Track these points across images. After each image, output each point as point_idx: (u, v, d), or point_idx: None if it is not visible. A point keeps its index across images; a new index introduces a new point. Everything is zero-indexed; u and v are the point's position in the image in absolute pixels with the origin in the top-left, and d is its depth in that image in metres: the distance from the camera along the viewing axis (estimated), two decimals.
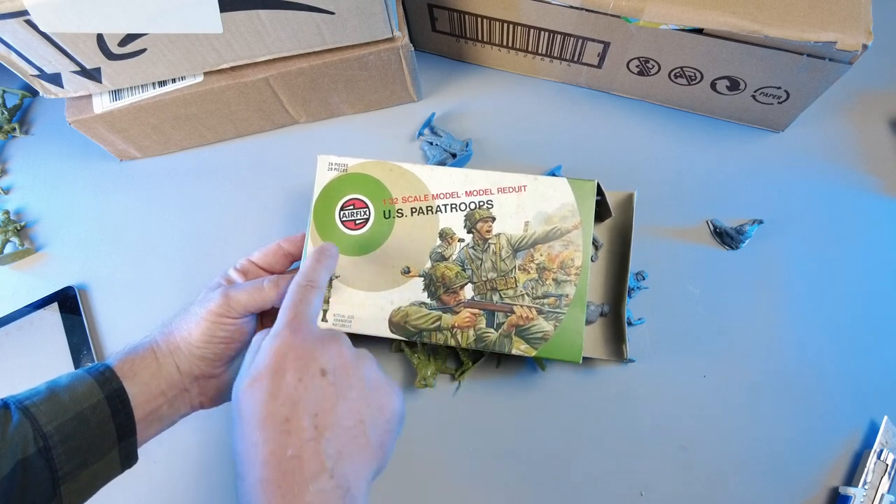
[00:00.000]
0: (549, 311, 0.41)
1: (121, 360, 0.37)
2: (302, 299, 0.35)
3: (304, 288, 0.36)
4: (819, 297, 0.48)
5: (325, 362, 0.32)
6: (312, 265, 0.38)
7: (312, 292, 0.36)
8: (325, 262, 0.39)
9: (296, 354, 0.32)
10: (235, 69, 0.49)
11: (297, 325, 0.33)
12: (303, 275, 0.37)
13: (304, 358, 0.31)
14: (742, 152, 0.53)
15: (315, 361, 0.32)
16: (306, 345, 0.32)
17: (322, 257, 0.39)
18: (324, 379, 0.31)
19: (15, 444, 0.31)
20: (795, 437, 0.44)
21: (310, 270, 0.38)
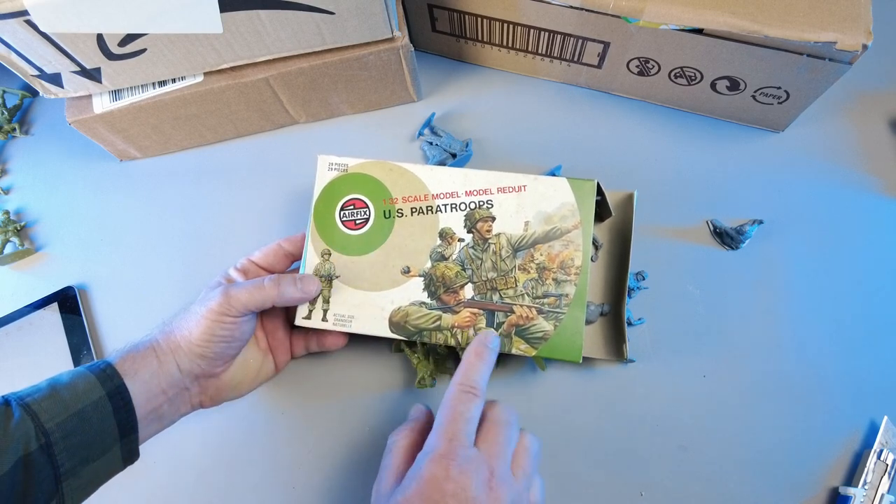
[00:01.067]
0: (549, 311, 0.41)
1: (122, 357, 0.37)
2: (462, 413, 0.34)
3: (464, 396, 0.34)
4: (819, 297, 0.48)
5: (476, 501, 0.31)
6: (474, 364, 0.36)
7: (474, 403, 0.34)
8: (486, 359, 0.36)
9: (453, 489, 0.31)
10: (235, 69, 0.49)
11: (455, 449, 0.32)
12: (464, 375, 0.35)
13: (459, 496, 0.31)
14: (742, 152, 0.53)
15: (467, 502, 0.31)
16: (462, 479, 0.31)
17: (484, 353, 0.37)
18: None
19: (16, 441, 0.31)
20: (795, 437, 0.44)
21: (472, 371, 0.35)
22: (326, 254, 0.43)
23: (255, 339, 0.43)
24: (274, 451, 0.46)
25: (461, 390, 0.35)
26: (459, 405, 0.34)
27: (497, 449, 0.33)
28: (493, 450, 0.33)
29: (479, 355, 0.36)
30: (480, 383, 0.35)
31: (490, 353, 0.37)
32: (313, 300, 0.42)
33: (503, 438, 0.34)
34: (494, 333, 0.39)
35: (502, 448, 0.33)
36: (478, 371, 0.36)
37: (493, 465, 0.32)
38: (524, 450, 0.35)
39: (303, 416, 0.47)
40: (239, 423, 0.47)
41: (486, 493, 0.31)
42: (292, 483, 0.45)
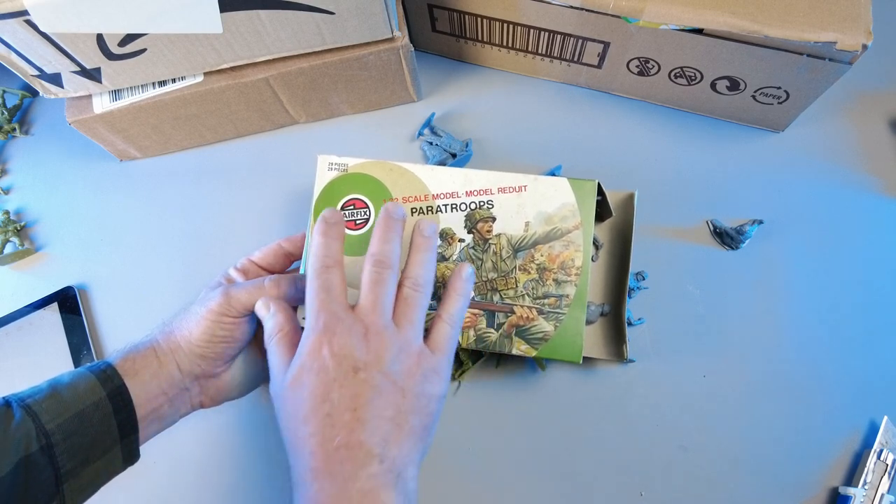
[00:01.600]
0: (550, 312, 0.41)
1: (122, 358, 0.37)
2: (322, 284, 0.35)
3: (319, 271, 0.35)
4: (819, 297, 0.48)
5: (356, 358, 0.32)
6: (322, 242, 0.36)
7: (331, 273, 0.35)
8: (333, 234, 0.37)
9: (329, 351, 0.32)
10: (235, 69, 0.49)
11: (327, 316, 0.33)
12: (316, 257, 0.36)
13: (338, 356, 0.32)
14: (742, 152, 0.53)
15: (346, 359, 0.32)
16: (337, 339, 0.32)
17: (328, 228, 0.37)
18: (356, 377, 0.32)
19: (17, 442, 0.31)
20: (795, 437, 0.44)
21: (320, 249, 0.36)
22: None
23: (255, 339, 0.43)
24: (274, 451, 0.46)
25: (314, 268, 0.35)
26: (317, 280, 0.35)
27: (368, 307, 0.34)
28: (365, 309, 0.34)
29: (325, 233, 0.37)
30: (332, 255, 0.36)
31: (335, 226, 0.37)
32: None
33: (374, 295, 0.34)
34: (334, 210, 0.39)
35: (374, 304, 0.34)
36: (326, 247, 0.36)
37: (367, 321, 0.34)
38: (402, 300, 0.35)
39: None
40: (239, 423, 0.47)
41: (364, 347, 0.33)
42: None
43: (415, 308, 0.36)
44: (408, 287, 0.36)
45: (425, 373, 0.34)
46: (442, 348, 0.36)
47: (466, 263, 0.39)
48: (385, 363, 0.33)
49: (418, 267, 0.37)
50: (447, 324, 0.37)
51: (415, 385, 0.33)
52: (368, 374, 0.32)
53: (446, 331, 0.36)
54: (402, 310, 0.35)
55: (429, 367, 0.34)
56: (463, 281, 0.38)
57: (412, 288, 0.36)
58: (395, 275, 0.36)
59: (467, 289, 0.38)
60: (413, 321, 0.35)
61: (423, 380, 0.34)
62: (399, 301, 0.36)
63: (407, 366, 0.34)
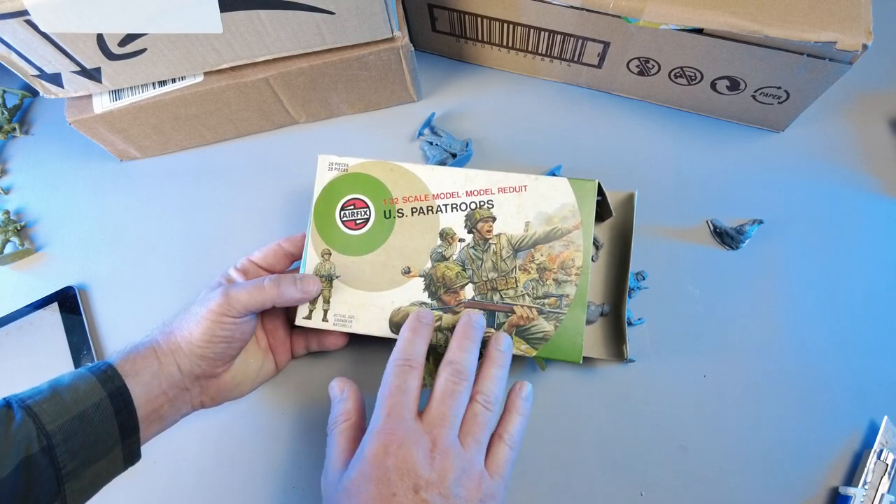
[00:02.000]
0: (550, 312, 0.41)
1: (122, 358, 0.37)
2: (400, 385, 0.34)
3: (401, 369, 0.35)
4: (819, 297, 0.48)
5: (419, 475, 0.31)
6: (410, 339, 0.36)
7: (411, 375, 0.35)
8: (422, 333, 0.37)
9: (394, 463, 0.31)
10: (235, 69, 0.49)
11: (396, 423, 0.33)
12: (401, 351, 0.36)
13: (401, 469, 0.31)
14: (742, 152, 0.53)
15: (409, 475, 0.31)
16: (403, 451, 0.32)
17: (419, 327, 0.37)
18: (417, 496, 0.31)
19: (18, 443, 0.31)
20: (795, 437, 0.44)
21: (407, 345, 0.36)
22: (327, 254, 0.43)
23: (255, 339, 0.43)
24: (274, 451, 0.46)
25: (396, 364, 0.35)
26: (395, 378, 0.35)
27: (438, 419, 0.34)
28: (435, 420, 0.34)
29: (415, 331, 0.37)
30: (415, 355, 0.36)
31: (425, 327, 0.38)
32: (314, 300, 0.42)
33: (446, 408, 0.34)
34: (430, 312, 0.39)
35: (444, 418, 0.34)
36: (412, 344, 0.36)
37: (434, 435, 0.33)
38: (472, 417, 0.35)
39: (303, 416, 0.47)
40: (239, 423, 0.47)
41: (429, 464, 0.32)
42: (292, 483, 0.45)
43: (483, 427, 0.35)
44: (480, 403, 0.35)
45: (483, 498, 0.33)
46: (501, 473, 0.35)
47: (526, 383, 0.39)
48: (448, 484, 0.32)
49: (492, 383, 0.36)
50: (508, 446, 0.36)
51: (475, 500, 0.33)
52: (429, 495, 0.31)
53: (507, 455, 0.35)
54: (470, 428, 0.35)
55: (488, 492, 0.33)
56: (523, 400, 0.37)
57: (484, 405, 0.35)
58: (469, 388, 0.36)
59: (528, 408, 0.38)
60: (480, 441, 0.34)
61: (484, 496, 0.33)
62: (468, 418, 0.35)
63: (468, 490, 0.33)
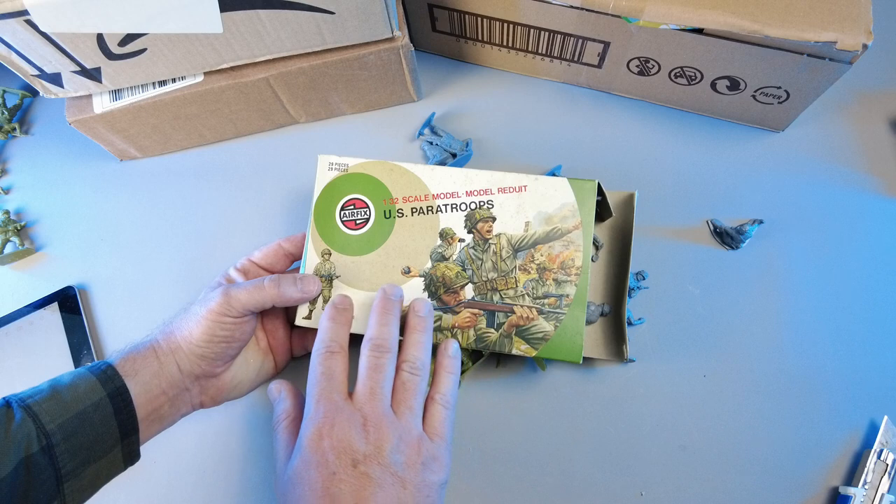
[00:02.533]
0: (550, 312, 0.41)
1: (122, 358, 0.37)
2: (324, 371, 0.35)
3: (323, 356, 0.36)
4: (819, 297, 0.48)
5: (356, 450, 0.32)
6: (328, 326, 0.37)
7: (334, 359, 0.36)
8: (341, 319, 0.38)
9: (329, 443, 0.32)
10: (235, 69, 0.49)
11: (326, 406, 0.33)
12: (321, 341, 0.36)
13: (337, 448, 0.32)
14: (742, 152, 0.53)
15: (346, 452, 0.32)
16: (336, 431, 0.32)
17: (337, 314, 0.38)
18: (356, 470, 0.32)
19: (18, 443, 0.31)
20: (795, 437, 0.44)
21: (326, 333, 0.37)
22: (327, 254, 0.43)
23: (255, 339, 0.43)
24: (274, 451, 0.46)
25: (318, 353, 0.36)
26: (319, 367, 0.35)
27: (367, 394, 0.34)
28: (364, 396, 0.34)
29: (333, 318, 0.38)
30: (336, 341, 0.37)
31: (345, 312, 0.38)
32: (314, 300, 0.42)
33: (373, 382, 0.35)
34: (345, 296, 0.40)
35: (373, 391, 0.34)
36: (331, 332, 0.37)
37: (365, 410, 0.33)
38: (401, 385, 0.35)
39: None
40: (239, 423, 0.47)
41: (364, 438, 0.32)
42: None
43: (413, 393, 0.35)
44: (406, 371, 0.36)
45: (425, 461, 0.34)
46: (441, 433, 0.35)
47: (452, 340, 0.39)
48: (385, 454, 0.32)
49: (415, 349, 0.37)
50: (442, 405, 0.36)
51: (415, 475, 0.33)
52: (368, 468, 0.32)
53: (443, 414, 0.36)
54: (400, 396, 0.35)
55: (429, 454, 0.34)
56: (451, 358, 0.38)
57: (410, 371, 0.36)
58: (393, 359, 0.36)
59: (456, 366, 0.38)
60: (412, 407, 0.35)
61: (424, 468, 0.33)
62: (397, 386, 0.36)
63: (407, 455, 0.33)
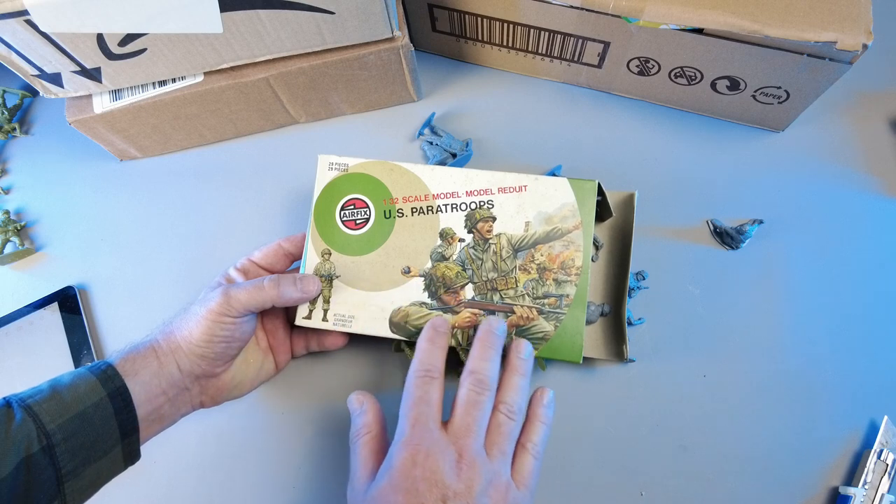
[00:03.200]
0: (550, 312, 0.41)
1: (122, 358, 0.37)
2: (422, 396, 0.35)
3: (422, 380, 0.35)
4: (819, 297, 0.48)
5: (447, 486, 0.32)
6: (427, 349, 0.37)
7: (433, 385, 0.35)
8: (439, 343, 0.37)
9: (422, 474, 0.32)
10: (235, 69, 0.49)
11: (422, 433, 0.33)
12: (420, 363, 0.36)
13: (429, 480, 0.31)
14: (742, 152, 0.53)
15: (437, 486, 0.31)
16: (430, 462, 0.32)
17: (436, 336, 0.37)
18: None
19: (18, 443, 0.31)
20: (795, 437, 0.44)
21: (426, 356, 0.36)
22: (327, 254, 0.43)
23: (255, 339, 0.43)
24: (274, 451, 0.46)
25: (417, 375, 0.36)
26: (417, 390, 0.35)
27: (463, 429, 0.34)
28: (460, 431, 0.34)
29: (432, 340, 0.37)
30: (435, 365, 0.36)
31: (442, 336, 0.38)
32: (314, 300, 0.42)
33: (471, 418, 0.34)
34: (444, 319, 0.39)
35: (469, 428, 0.34)
36: (430, 355, 0.37)
37: (460, 445, 0.33)
38: (496, 427, 0.35)
39: (303, 416, 0.47)
40: (239, 423, 0.47)
41: (456, 474, 0.32)
42: (292, 483, 0.45)
43: (508, 437, 0.35)
44: (503, 413, 0.35)
45: (501, 493, 0.33)
46: (527, 483, 0.35)
47: (548, 390, 0.38)
48: (475, 495, 0.32)
49: (515, 392, 0.36)
50: (532, 456, 0.36)
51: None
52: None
53: (533, 464, 0.36)
54: (495, 438, 0.35)
55: (514, 502, 0.33)
56: (545, 408, 0.37)
57: (507, 414, 0.35)
58: (492, 397, 0.36)
59: (550, 416, 0.38)
60: (505, 452, 0.35)
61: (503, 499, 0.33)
62: (492, 427, 0.35)
63: (494, 500, 0.33)
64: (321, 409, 0.47)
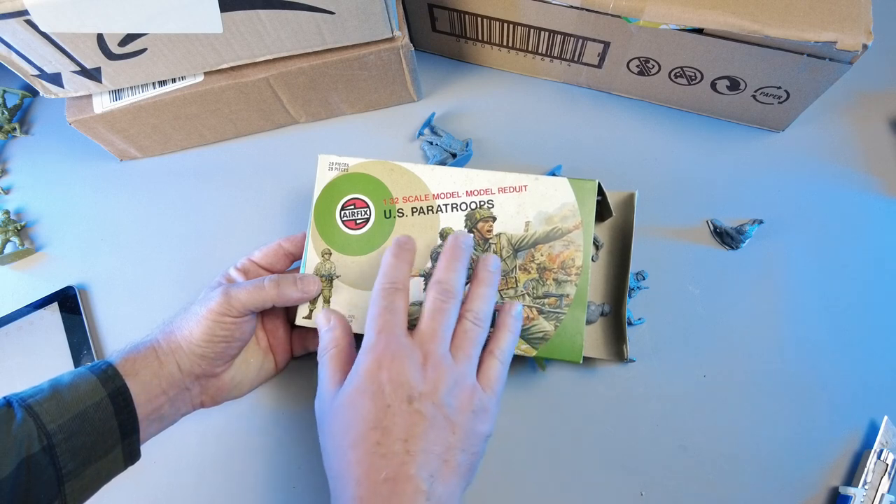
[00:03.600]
0: (550, 311, 0.41)
1: (122, 358, 0.37)
2: (387, 306, 0.35)
3: (387, 291, 0.36)
4: (819, 297, 0.48)
5: (413, 386, 0.32)
6: (392, 263, 0.37)
7: (398, 295, 0.35)
8: (404, 257, 0.37)
9: (388, 375, 0.32)
10: (235, 69, 0.49)
11: (388, 339, 0.33)
12: (385, 276, 0.36)
13: (395, 381, 0.32)
14: (742, 152, 0.53)
15: (403, 386, 0.32)
16: (395, 364, 0.32)
17: (401, 252, 0.37)
18: (410, 406, 0.32)
19: (19, 443, 0.31)
20: (795, 437, 0.44)
21: (391, 269, 0.37)
22: (327, 253, 0.43)
23: (255, 339, 0.43)
24: (274, 451, 0.46)
25: (382, 287, 0.36)
26: (382, 300, 0.35)
27: (429, 334, 0.34)
28: (426, 335, 0.34)
29: (397, 255, 0.37)
30: (400, 278, 0.36)
31: (408, 252, 0.38)
32: (314, 300, 0.42)
33: (436, 324, 0.35)
34: (408, 237, 0.39)
35: (435, 333, 0.34)
36: (395, 268, 0.37)
37: (426, 349, 0.34)
38: (462, 333, 0.35)
39: (303, 416, 0.47)
40: (239, 423, 0.47)
41: (422, 376, 0.33)
42: (292, 483, 0.45)
43: (473, 342, 0.35)
44: (469, 320, 0.36)
45: (476, 410, 0.34)
46: (493, 386, 0.35)
47: (516, 302, 0.39)
48: (440, 395, 0.32)
49: (481, 301, 0.37)
50: (499, 360, 0.36)
51: (465, 421, 0.33)
52: (423, 405, 0.32)
53: (498, 368, 0.36)
54: (460, 342, 0.35)
55: (480, 404, 0.34)
56: (514, 319, 0.38)
57: (473, 321, 0.36)
58: (457, 304, 0.36)
59: (518, 326, 0.38)
60: (470, 355, 0.35)
61: (474, 417, 0.33)
62: (458, 333, 0.36)
63: (460, 401, 0.33)
64: None
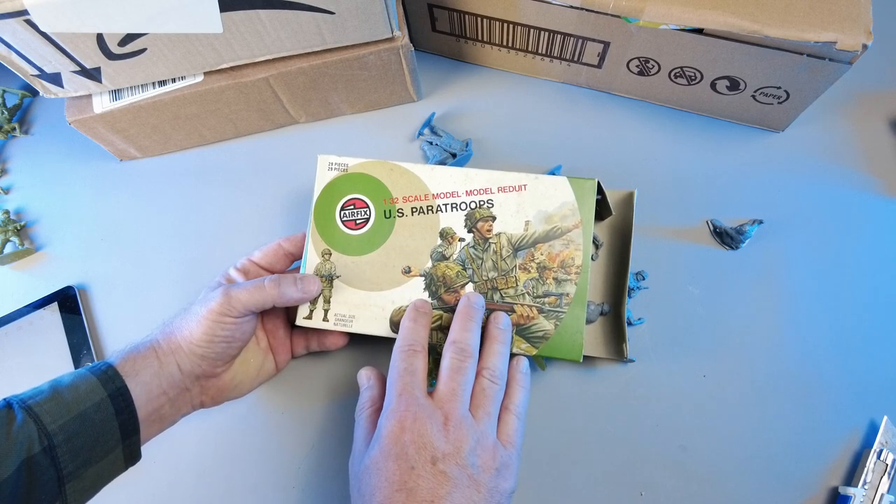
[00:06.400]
0: (550, 311, 0.41)
1: (123, 358, 0.37)
2: (407, 367, 0.36)
3: (406, 353, 0.37)
4: (819, 296, 0.48)
5: (436, 448, 0.33)
6: (410, 326, 0.38)
7: (417, 357, 0.37)
8: (421, 321, 0.39)
9: (410, 438, 0.33)
10: (235, 69, 0.49)
11: (408, 401, 0.34)
12: (404, 339, 0.38)
13: (417, 443, 0.33)
14: (742, 152, 0.53)
15: (426, 448, 0.33)
16: (417, 426, 0.33)
17: (418, 316, 0.39)
18: (434, 468, 0.32)
19: (20, 444, 0.31)
20: (795, 437, 0.44)
21: (409, 333, 0.38)
22: (327, 254, 0.43)
23: (255, 339, 0.43)
24: (274, 451, 0.46)
25: (401, 350, 0.37)
26: (401, 363, 0.36)
27: (448, 395, 0.35)
28: (445, 396, 0.35)
29: (414, 319, 0.39)
30: (418, 340, 0.38)
31: (424, 316, 0.39)
32: (314, 300, 0.42)
33: (455, 384, 0.36)
34: (425, 300, 0.41)
35: (454, 393, 0.35)
36: (413, 332, 0.38)
37: (446, 409, 0.34)
38: (481, 391, 0.36)
39: (303, 416, 0.47)
40: (239, 423, 0.47)
41: (444, 436, 0.33)
42: (292, 483, 0.45)
43: (492, 400, 0.36)
44: (486, 378, 0.37)
45: (499, 467, 0.34)
46: (513, 441, 0.36)
47: (523, 358, 0.40)
48: (463, 455, 0.33)
49: (496, 358, 0.38)
50: (515, 416, 0.37)
51: (489, 480, 0.33)
52: (447, 466, 0.32)
53: (516, 424, 0.37)
54: (479, 401, 0.36)
55: (502, 461, 0.35)
56: (523, 374, 0.39)
57: (490, 379, 0.37)
58: (474, 364, 0.37)
59: (528, 381, 0.39)
60: (490, 413, 0.36)
61: (497, 475, 0.34)
62: (476, 392, 0.36)
63: (483, 460, 0.34)
64: (321, 409, 0.47)
